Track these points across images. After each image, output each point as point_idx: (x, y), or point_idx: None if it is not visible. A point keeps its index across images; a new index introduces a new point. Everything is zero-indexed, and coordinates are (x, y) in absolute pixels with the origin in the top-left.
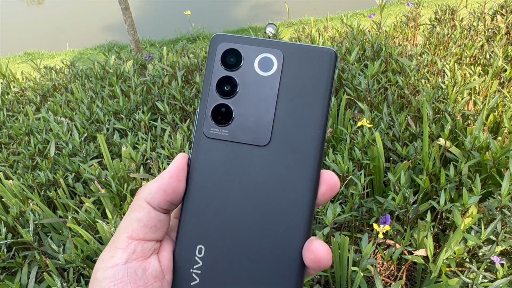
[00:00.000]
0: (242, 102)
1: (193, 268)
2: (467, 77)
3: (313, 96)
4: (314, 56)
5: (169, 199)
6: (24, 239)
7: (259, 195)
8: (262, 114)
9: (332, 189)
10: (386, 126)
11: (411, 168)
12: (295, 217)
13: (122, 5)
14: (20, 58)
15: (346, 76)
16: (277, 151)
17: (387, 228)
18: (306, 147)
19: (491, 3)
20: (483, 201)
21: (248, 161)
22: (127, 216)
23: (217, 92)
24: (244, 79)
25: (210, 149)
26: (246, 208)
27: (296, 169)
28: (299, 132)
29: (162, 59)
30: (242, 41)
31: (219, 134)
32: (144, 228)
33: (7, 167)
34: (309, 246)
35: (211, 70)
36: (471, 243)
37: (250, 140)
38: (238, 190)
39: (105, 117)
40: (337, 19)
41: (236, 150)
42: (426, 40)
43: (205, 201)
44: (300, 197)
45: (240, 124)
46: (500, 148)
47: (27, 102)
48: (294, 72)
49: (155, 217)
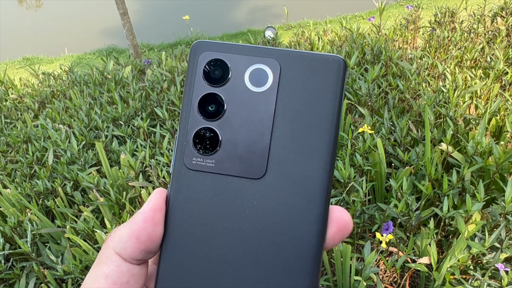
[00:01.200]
0: (231, 125)
1: None
2: (468, 80)
3: (318, 116)
4: (318, 66)
5: (144, 247)
6: (22, 249)
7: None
8: (256, 139)
9: (344, 230)
10: (387, 131)
11: (413, 174)
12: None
13: (121, 10)
14: (19, 63)
15: (346, 80)
16: (275, 185)
17: (390, 237)
18: (310, 180)
19: (491, 5)
20: (486, 207)
21: (239, 198)
22: (92, 270)
23: (200, 113)
24: (233, 97)
25: (193, 184)
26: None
27: (299, 207)
28: (302, 161)
29: (161, 64)
30: (229, 50)
31: (203, 165)
32: (113, 285)
33: (4, 175)
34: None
35: (192, 86)
36: (475, 251)
37: (241, 172)
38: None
39: (104, 124)
40: (336, 22)
41: (224, 185)
42: (426, 43)
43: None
44: (305, 243)
45: (228, 152)
46: (503, 153)
47: (25, 109)
48: (294, 87)
49: (127, 272)
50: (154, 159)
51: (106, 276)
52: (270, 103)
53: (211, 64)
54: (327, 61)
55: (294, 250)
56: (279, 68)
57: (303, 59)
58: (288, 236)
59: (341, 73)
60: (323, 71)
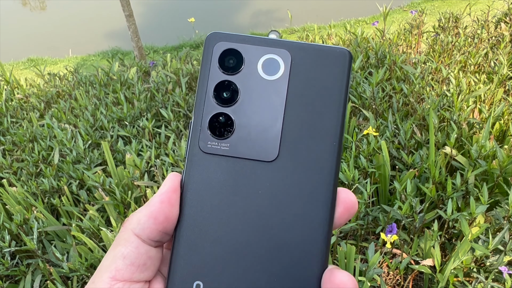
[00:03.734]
0: (244, 110)
1: None
2: (472, 85)
3: (327, 103)
4: (326, 57)
5: (161, 228)
6: (27, 247)
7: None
8: (268, 124)
9: (350, 210)
10: (392, 134)
11: (417, 177)
12: (310, 244)
13: (126, 12)
14: (23, 64)
15: (351, 83)
16: (287, 167)
17: (395, 238)
18: (320, 162)
19: (494, 11)
20: (490, 210)
21: (253, 180)
22: (110, 251)
23: (215, 99)
24: (246, 84)
25: (208, 167)
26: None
27: (310, 188)
28: (312, 144)
29: (166, 66)
30: (243, 40)
31: (217, 148)
32: (130, 266)
33: (11, 174)
34: (331, 278)
35: (207, 74)
36: (478, 253)
37: (255, 155)
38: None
39: (109, 124)
40: (340, 26)
41: (238, 167)
42: (430, 47)
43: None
44: (315, 221)
45: (242, 137)
46: (507, 156)
47: (31, 108)
48: (304, 76)
49: (145, 253)
50: (159, 159)
51: (124, 257)
52: (282, 91)
53: (226, 53)
54: (334, 52)
55: (306, 229)
56: (290, 58)
57: (312, 51)
58: (300, 215)
59: (346, 63)
60: (330, 62)
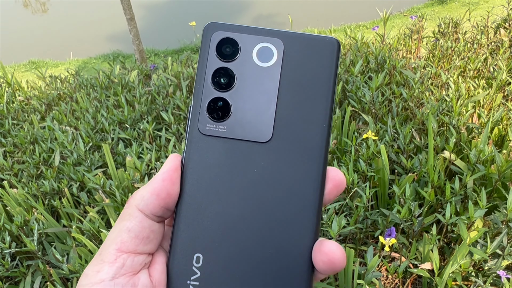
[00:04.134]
0: (240, 95)
1: (191, 279)
2: (471, 90)
3: (317, 88)
4: (316, 46)
5: (164, 204)
6: (28, 248)
7: (261, 196)
8: (263, 108)
9: (338, 187)
10: (391, 138)
11: (416, 181)
12: (302, 218)
13: (128, 15)
14: (25, 66)
15: (351, 88)
16: (280, 147)
17: (393, 241)
18: (311, 143)
19: (494, 16)
20: (488, 214)
21: (248, 159)
22: (116, 225)
23: (213, 84)
24: (242, 71)
25: (206, 147)
26: (247, 210)
27: (301, 166)
28: (303, 126)
29: (167, 69)
30: (239, 30)
31: (215, 130)
32: (135, 239)
33: (11, 175)
34: (321, 248)
35: (205, 61)
36: (477, 257)
37: (250, 136)
38: (238, 191)
39: (110, 127)
40: (341, 31)
41: (234, 148)
42: (430, 53)
43: (201, 204)
44: (306, 197)
45: (238, 119)
46: (506, 161)
47: (32, 110)
48: (296, 63)
49: (148, 227)
50: (159, 162)
51: (129, 230)
52: (275, 77)
53: (223, 42)
54: (323, 41)
55: (298, 204)
56: (283, 47)
57: (303, 39)
58: (292, 191)
59: (335, 51)
60: (320, 50)
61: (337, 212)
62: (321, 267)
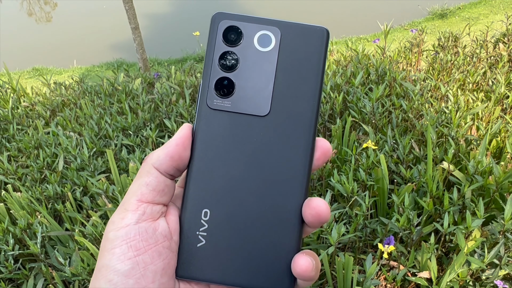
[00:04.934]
0: (243, 75)
1: (199, 230)
2: (470, 103)
3: (308, 70)
4: (308, 34)
5: (176, 165)
6: (31, 250)
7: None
8: (262, 86)
9: (326, 154)
10: (391, 148)
11: (415, 191)
12: (295, 179)
13: (132, 24)
14: (28, 73)
15: (351, 98)
16: (276, 120)
17: (392, 248)
18: (302, 116)
19: (493, 31)
20: (486, 225)
21: (249, 130)
22: (135, 181)
23: (220, 66)
24: (245, 54)
25: (213, 119)
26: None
27: (294, 136)
28: (296, 103)
29: (170, 78)
30: (242, 19)
31: (221, 105)
32: (152, 192)
33: (16, 179)
34: (310, 203)
35: (213, 45)
36: (474, 266)
37: (251, 110)
38: (239, 156)
39: (114, 133)
40: (342, 43)
41: (238, 120)
42: (430, 65)
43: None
44: (298, 161)
45: (241, 96)
46: (503, 173)
47: (36, 116)
48: (291, 48)
49: (163, 182)
50: None
51: (147, 184)
52: (273, 60)
53: (228, 29)
54: (315, 29)
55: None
56: (280, 34)
57: (297, 28)
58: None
59: (324, 38)
60: (312, 37)
61: (336, 220)
62: (310, 220)
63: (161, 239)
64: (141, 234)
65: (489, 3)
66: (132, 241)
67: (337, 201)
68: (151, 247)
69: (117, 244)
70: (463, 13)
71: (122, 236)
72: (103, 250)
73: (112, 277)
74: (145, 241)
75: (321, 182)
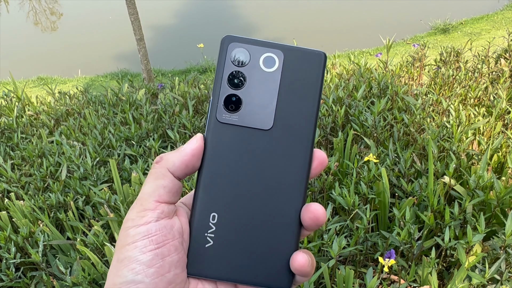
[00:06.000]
0: (249, 93)
1: (208, 232)
2: (471, 118)
3: (307, 89)
4: (308, 57)
5: (187, 172)
6: (32, 259)
7: (263, 170)
8: (266, 103)
9: (322, 163)
10: (392, 162)
11: (416, 205)
12: (294, 186)
13: (137, 35)
14: (33, 82)
15: (353, 112)
16: (278, 134)
17: (393, 262)
18: (302, 131)
19: (495, 47)
20: (487, 240)
21: (254, 142)
22: (151, 183)
23: (228, 84)
24: (251, 74)
25: (222, 132)
26: (252, 180)
27: (294, 148)
28: (297, 118)
29: (174, 89)
30: (249, 42)
31: (229, 119)
32: (168, 193)
33: (19, 187)
34: (308, 208)
35: (223, 65)
36: (475, 281)
37: (256, 124)
38: (245, 165)
39: (117, 143)
40: (344, 56)
41: (244, 133)
42: (431, 80)
43: (217, 175)
44: (297, 170)
45: (247, 111)
46: (504, 188)
47: (40, 125)
48: (292, 69)
49: (176, 184)
50: None
51: (164, 186)
52: (276, 80)
53: (237, 52)
54: (313, 53)
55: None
56: (283, 56)
57: (298, 51)
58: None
59: (322, 62)
60: (311, 60)
61: (337, 233)
62: (308, 223)
63: (177, 235)
64: (161, 230)
65: (491, 18)
66: (153, 236)
67: (338, 214)
68: (169, 242)
69: (138, 238)
70: (465, 28)
71: (143, 232)
72: (124, 244)
73: (134, 266)
74: (164, 236)
75: (322, 194)
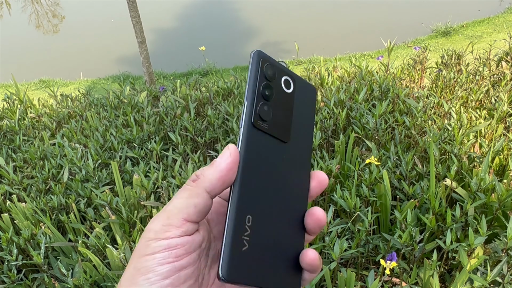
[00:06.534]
0: (276, 106)
1: (244, 235)
2: (473, 120)
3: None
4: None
5: (224, 187)
6: (34, 261)
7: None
8: (286, 118)
9: (321, 183)
10: (393, 164)
11: (417, 207)
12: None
13: (139, 38)
14: (35, 85)
15: (355, 114)
16: (293, 148)
17: (394, 265)
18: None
19: (496, 49)
20: (489, 242)
21: (279, 151)
22: (183, 198)
23: (262, 94)
24: (276, 91)
25: (256, 137)
26: (277, 187)
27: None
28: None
29: (175, 92)
30: (273, 62)
31: (262, 126)
32: (198, 213)
33: (21, 190)
34: (311, 212)
35: (257, 77)
36: (477, 284)
37: (280, 135)
38: (272, 174)
39: (119, 145)
40: (346, 59)
41: (272, 141)
42: (433, 83)
43: (250, 182)
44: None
45: (274, 122)
46: (506, 190)
47: (42, 128)
48: (300, 95)
49: (209, 204)
50: (165, 181)
51: (195, 206)
52: (291, 100)
53: (268, 67)
54: (310, 85)
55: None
56: (295, 82)
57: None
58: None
59: (315, 93)
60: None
61: (339, 235)
62: (311, 225)
63: (197, 247)
64: (182, 244)
65: (493, 21)
66: (174, 249)
67: (339, 216)
68: (188, 254)
69: (158, 250)
70: (466, 31)
71: (164, 245)
72: (143, 254)
73: (151, 276)
74: (185, 249)
75: (324, 197)
